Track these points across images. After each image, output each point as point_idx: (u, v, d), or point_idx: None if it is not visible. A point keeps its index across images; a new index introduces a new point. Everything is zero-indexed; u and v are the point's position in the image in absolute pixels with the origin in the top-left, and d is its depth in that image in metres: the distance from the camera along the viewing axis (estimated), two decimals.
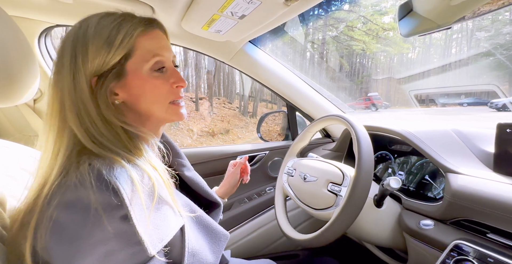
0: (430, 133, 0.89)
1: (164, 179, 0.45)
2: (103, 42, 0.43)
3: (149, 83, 0.47)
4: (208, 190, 0.67)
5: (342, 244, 1.20)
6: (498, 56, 11.07)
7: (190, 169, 0.67)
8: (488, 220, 0.62)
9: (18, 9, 0.85)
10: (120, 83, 0.46)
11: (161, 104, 0.49)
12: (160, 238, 0.39)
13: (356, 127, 0.75)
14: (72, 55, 0.43)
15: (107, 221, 0.35)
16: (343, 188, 0.73)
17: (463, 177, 0.71)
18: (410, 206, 0.83)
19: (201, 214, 0.53)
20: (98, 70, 0.44)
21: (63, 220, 0.35)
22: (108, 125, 0.43)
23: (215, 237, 0.53)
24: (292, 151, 1.02)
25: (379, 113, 12.58)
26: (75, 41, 0.43)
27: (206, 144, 8.67)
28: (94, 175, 0.36)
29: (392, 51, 16.99)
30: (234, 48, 1.11)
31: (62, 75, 0.43)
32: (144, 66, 0.46)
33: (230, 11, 0.75)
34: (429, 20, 0.61)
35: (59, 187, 0.37)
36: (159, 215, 0.41)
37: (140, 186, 0.39)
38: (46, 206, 0.36)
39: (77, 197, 0.35)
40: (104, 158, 0.40)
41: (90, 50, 0.43)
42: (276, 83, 1.26)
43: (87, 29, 0.43)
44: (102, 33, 0.43)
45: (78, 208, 0.35)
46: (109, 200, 0.35)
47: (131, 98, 0.47)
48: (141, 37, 0.46)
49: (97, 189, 0.35)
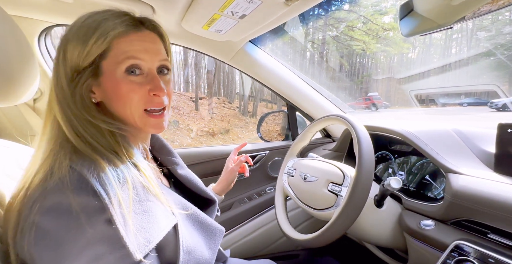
0: (431, 133, 0.89)
1: (148, 178, 0.44)
2: (80, 39, 0.43)
3: (121, 86, 0.45)
4: (202, 187, 0.67)
5: (342, 244, 1.20)
6: (499, 56, 11.07)
7: (183, 167, 0.67)
8: (489, 220, 0.62)
9: (18, 9, 0.85)
10: (96, 82, 0.46)
11: (134, 110, 0.47)
12: (147, 240, 0.38)
13: (356, 127, 0.75)
14: (59, 50, 0.45)
15: (91, 224, 0.34)
16: (344, 188, 0.73)
17: (464, 177, 0.71)
18: (411, 206, 0.83)
19: (194, 211, 0.52)
20: (76, 67, 0.44)
21: (46, 225, 0.34)
22: (91, 121, 0.44)
23: (210, 232, 0.53)
24: (292, 151, 1.02)
25: (379, 113, 12.58)
26: (62, 38, 0.45)
27: (206, 143, 8.67)
28: (75, 178, 0.36)
29: (392, 51, 16.98)
30: (235, 48, 1.11)
31: (54, 70, 0.45)
32: (117, 68, 0.44)
33: (230, 10, 0.75)
34: (429, 20, 0.61)
35: (41, 190, 0.36)
36: (146, 217, 0.40)
37: (121, 188, 0.38)
38: (27, 211, 0.35)
39: (59, 201, 0.35)
40: (85, 159, 0.39)
41: (69, 47, 0.44)
42: (276, 83, 1.26)
43: (73, 27, 0.45)
44: (81, 31, 0.43)
45: (61, 213, 0.34)
46: (90, 203, 0.35)
47: (106, 99, 0.47)
48: (119, 38, 0.44)
49: (78, 193, 0.35)
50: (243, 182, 1.27)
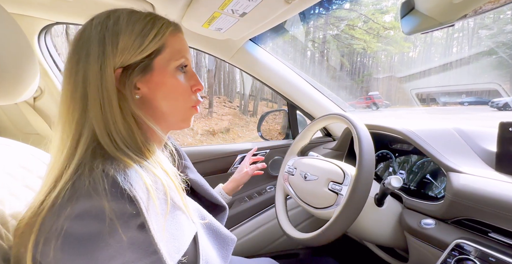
0: (432, 132, 0.88)
1: (176, 185, 0.43)
2: (137, 35, 0.42)
3: (173, 81, 0.47)
4: (213, 193, 0.66)
5: (342, 243, 1.20)
6: (501, 55, 11.03)
7: (194, 171, 0.66)
8: (490, 219, 0.62)
9: (18, 7, 0.85)
10: (144, 78, 0.45)
11: (182, 103, 0.49)
12: (177, 248, 0.38)
13: (357, 125, 0.75)
14: (101, 43, 0.41)
15: (124, 230, 0.33)
16: (344, 187, 0.73)
17: (465, 176, 0.70)
18: (411, 205, 0.83)
19: (210, 219, 0.52)
20: (126, 62, 0.43)
21: (76, 231, 0.33)
22: (125, 121, 0.42)
23: (223, 242, 0.52)
24: (292, 150, 1.02)
25: (380, 112, 12.56)
26: (103, 30, 0.42)
27: (206, 142, 8.67)
28: (109, 182, 0.34)
29: (393, 50, 16.96)
30: (235, 46, 1.11)
31: (87, 64, 0.41)
32: (171, 64, 0.46)
33: (231, 8, 0.74)
34: (430, 18, 0.61)
35: (70, 194, 0.34)
36: (174, 223, 0.40)
37: (154, 193, 0.37)
38: (54, 216, 0.34)
39: (91, 206, 0.33)
40: (117, 163, 0.38)
41: (122, 41, 0.42)
42: (276, 82, 1.25)
43: (118, 20, 0.43)
44: (136, 26, 0.43)
45: (93, 218, 0.33)
46: (125, 208, 0.34)
47: (151, 94, 0.46)
48: (172, 37, 0.47)
49: (112, 197, 0.34)
50: None
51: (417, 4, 0.62)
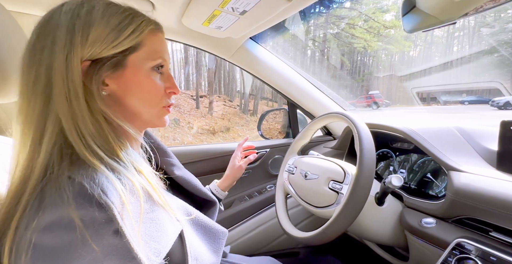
0: (433, 131, 0.88)
1: (152, 184, 0.42)
2: (112, 28, 0.40)
3: (147, 81, 0.45)
4: (202, 189, 0.65)
5: (343, 242, 1.20)
6: (503, 53, 11.00)
7: (180, 167, 0.64)
8: (491, 218, 0.62)
9: (17, 4, 0.84)
10: (114, 74, 0.43)
11: (154, 104, 0.48)
12: (158, 251, 0.37)
13: (358, 124, 0.74)
14: (69, 31, 0.38)
15: (96, 239, 0.32)
16: (345, 186, 0.72)
17: (466, 175, 0.70)
18: (412, 204, 0.82)
19: (197, 215, 0.51)
20: (95, 55, 0.40)
21: (46, 243, 0.31)
22: (93, 117, 0.39)
23: (213, 236, 0.52)
24: (293, 149, 1.02)
25: (381, 111, 12.56)
26: (74, 18, 0.39)
27: (206, 141, 8.67)
28: (76, 189, 0.32)
29: (394, 49, 16.92)
30: (235, 45, 1.10)
31: (52, 52, 0.38)
32: (147, 63, 0.45)
33: (231, 6, 0.74)
34: (432, 16, 0.60)
35: (37, 203, 0.32)
36: (154, 225, 0.38)
37: (126, 196, 0.35)
38: (23, 227, 0.32)
39: (59, 216, 0.31)
40: (85, 167, 0.35)
41: (94, 32, 0.39)
42: (277, 81, 1.25)
43: (92, 10, 0.40)
44: (112, 19, 0.40)
45: (62, 229, 0.31)
46: (94, 216, 0.32)
47: (121, 92, 0.44)
48: (152, 35, 0.45)
49: (80, 206, 0.31)
50: (244, 180, 1.27)
51: (418, 2, 0.61)
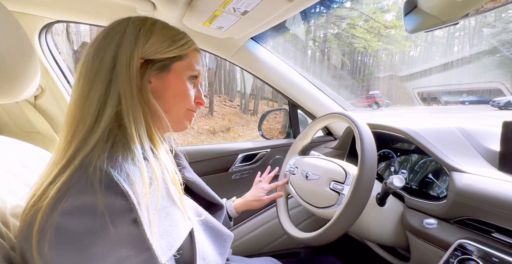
0: (434, 131, 0.88)
1: (175, 180, 0.45)
2: (167, 38, 0.49)
3: (184, 86, 0.52)
4: (210, 192, 0.68)
5: (344, 242, 1.20)
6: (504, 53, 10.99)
7: (190, 170, 0.67)
8: (493, 219, 0.61)
9: (19, 5, 0.84)
10: (160, 75, 0.50)
11: (183, 106, 0.53)
12: (170, 244, 0.38)
13: (359, 125, 0.74)
14: (135, 34, 0.46)
15: (117, 226, 0.33)
16: (346, 186, 0.72)
17: (468, 175, 0.70)
18: (413, 205, 0.82)
19: (206, 216, 0.53)
20: (150, 55, 0.47)
21: (69, 226, 0.33)
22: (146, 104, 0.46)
23: (220, 238, 0.54)
24: (294, 149, 1.02)
25: (381, 111, 12.55)
26: (140, 26, 0.47)
27: (206, 142, 8.67)
28: (101, 177, 0.35)
29: (394, 49, 16.91)
30: (236, 45, 1.10)
31: (119, 47, 0.45)
32: (187, 72, 0.52)
33: (232, 7, 0.74)
34: (433, 16, 0.60)
35: (65, 189, 0.34)
36: (169, 220, 0.40)
37: (149, 188, 0.38)
38: (49, 210, 0.34)
39: (82, 202, 0.33)
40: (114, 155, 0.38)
41: (154, 37, 0.47)
42: (277, 81, 1.25)
43: (155, 23, 0.49)
44: (169, 32, 0.50)
45: (84, 214, 0.33)
46: (117, 203, 0.34)
47: (161, 90, 0.50)
48: (194, 53, 0.54)
49: (104, 193, 0.34)
50: (244, 180, 1.27)
51: (420, 3, 0.61)
